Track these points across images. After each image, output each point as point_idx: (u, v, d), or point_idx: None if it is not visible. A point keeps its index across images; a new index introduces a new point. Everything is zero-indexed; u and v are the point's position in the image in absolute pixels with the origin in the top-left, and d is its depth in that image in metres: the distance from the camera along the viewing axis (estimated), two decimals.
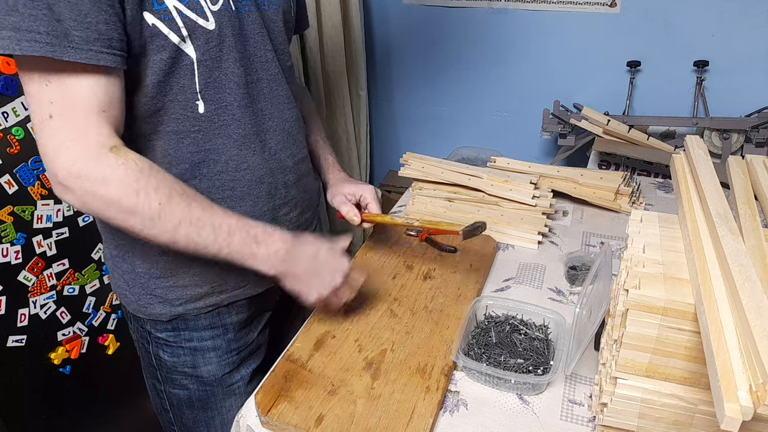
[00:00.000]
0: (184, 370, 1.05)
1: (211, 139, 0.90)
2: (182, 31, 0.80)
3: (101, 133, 0.76)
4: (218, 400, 1.08)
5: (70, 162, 0.74)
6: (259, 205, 0.98)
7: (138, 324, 1.05)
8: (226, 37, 0.85)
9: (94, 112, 0.75)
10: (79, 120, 0.75)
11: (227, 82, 0.88)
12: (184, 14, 0.79)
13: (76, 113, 0.74)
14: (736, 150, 1.98)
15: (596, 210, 1.47)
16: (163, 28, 0.78)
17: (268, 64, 0.94)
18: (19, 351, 1.36)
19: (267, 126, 0.96)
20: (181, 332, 1.00)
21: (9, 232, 1.28)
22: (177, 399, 1.09)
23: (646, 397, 0.70)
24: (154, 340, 1.04)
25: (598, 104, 2.12)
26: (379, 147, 2.88)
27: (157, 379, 1.09)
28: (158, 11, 0.77)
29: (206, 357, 1.04)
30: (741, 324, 0.51)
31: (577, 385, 0.92)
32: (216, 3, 0.83)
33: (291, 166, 1.03)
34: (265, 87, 0.95)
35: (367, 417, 0.85)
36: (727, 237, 0.63)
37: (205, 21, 0.82)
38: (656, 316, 0.65)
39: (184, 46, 0.81)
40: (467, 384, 0.94)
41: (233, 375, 1.08)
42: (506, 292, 1.16)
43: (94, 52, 0.72)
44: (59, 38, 0.70)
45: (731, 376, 0.47)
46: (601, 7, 2.17)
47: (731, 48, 2.05)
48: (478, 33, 2.42)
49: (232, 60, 0.87)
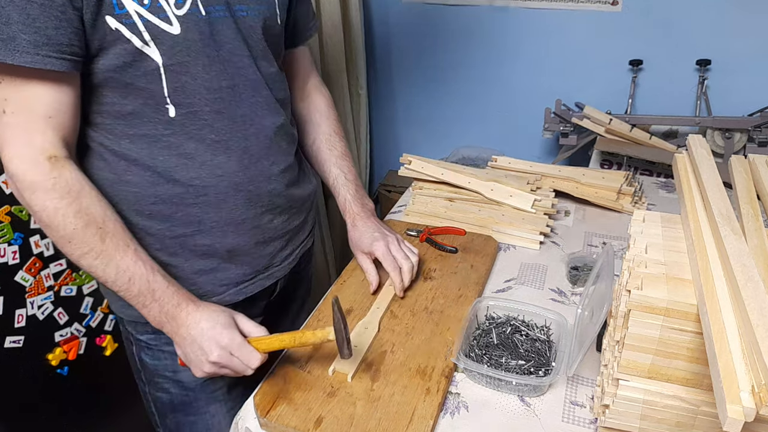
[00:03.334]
0: (165, 374, 1.04)
1: (184, 144, 0.89)
2: (144, 35, 0.79)
3: (45, 140, 0.78)
4: (201, 406, 1.07)
5: (9, 158, 0.78)
6: (237, 213, 0.97)
7: (123, 325, 1.05)
8: (193, 42, 0.84)
9: (41, 117, 0.77)
10: (26, 122, 0.77)
11: (197, 87, 0.87)
12: (145, 18, 0.79)
13: (24, 115, 0.77)
14: (739, 149, 1.97)
15: (598, 210, 1.46)
16: (125, 32, 0.78)
17: (244, 70, 0.92)
18: (17, 352, 1.35)
19: (248, 132, 0.95)
20: (162, 336, 0.97)
21: (6, 232, 1.27)
22: (160, 402, 1.08)
23: (648, 398, 0.69)
24: (136, 342, 1.04)
25: (600, 103, 2.11)
26: (379, 147, 2.87)
27: (142, 381, 1.09)
28: (119, 15, 0.77)
29: None
30: (743, 325, 0.51)
31: (578, 387, 0.92)
32: (181, 8, 0.81)
33: (276, 173, 1.01)
34: (243, 93, 0.93)
35: (366, 419, 0.84)
36: (730, 237, 0.63)
37: (169, 25, 0.81)
38: (658, 316, 0.64)
39: (148, 50, 0.80)
40: (468, 386, 0.93)
41: (215, 381, 1.06)
42: (507, 293, 1.15)
43: (41, 56, 0.73)
44: (5, 42, 0.71)
45: (734, 377, 0.47)
46: (603, 6, 2.17)
47: (734, 47, 2.04)
48: (479, 31, 2.41)
49: (201, 65, 0.86)
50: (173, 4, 0.81)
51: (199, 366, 0.88)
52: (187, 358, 0.90)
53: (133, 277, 0.84)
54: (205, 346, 0.86)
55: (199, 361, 0.87)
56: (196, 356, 0.87)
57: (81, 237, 0.81)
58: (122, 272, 0.84)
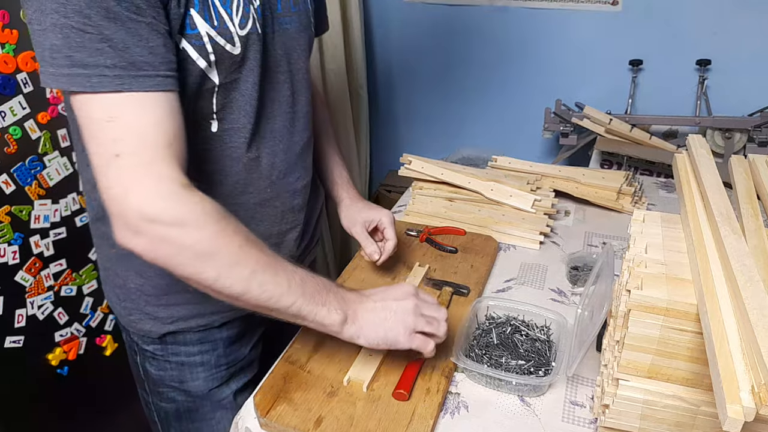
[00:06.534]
0: (171, 383, 1.02)
1: (219, 160, 0.87)
2: (210, 57, 0.76)
3: (172, 170, 0.69)
4: (206, 413, 1.05)
5: (142, 203, 0.67)
6: (261, 229, 0.94)
7: (126, 334, 1.03)
8: (248, 61, 0.82)
9: (162, 147, 0.69)
10: (148, 157, 0.68)
11: (243, 103, 0.84)
12: (214, 40, 0.76)
13: (144, 150, 0.67)
14: (739, 149, 1.97)
15: (598, 210, 1.46)
16: (192, 53, 0.74)
17: (280, 85, 0.91)
18: (17, 352, 1.35)
19: (277, 148, 0.93)
20: (169, 346, 0.96)
21: (6, 233, 1.27)
22: (164, 412, 1.06)
23: (648, 398, 0.69)
24: (141, 352, 1.01)
25: (600, 103, 2.11)
26: (379, 147, 2.87)
27: (145, 390, 1.07)
28: (189, 36, 0.73)
29: (194, 372, 1.01)
30: (743, 324, 0.51)
31: (578, 387, 0.92)
32: (244, 28, 0.79)
33: (299, 189, 1.00)
34: (277, 108, 0.91)
35: (366, 419, 0.84)
36: (730, 237, 0.63)
37: (233, 47, 0.78)
38: (658, 316, 0.64)
39: (210, 72, 0.78)
40: (468, 385, 0.93)
41: (222, 389, 1.04)
42: (507, 293, 1.15)
43: (161, 78, 0.68)
44: (126, 69, 0.65)
45: (733, 377, 0.47)
46: (603, 6, 2.17)
47: (734, 47, 2.04)
48: (479, 31, 2.41)
49: (251, 83, 0.84)
50: (237, 25, 0.78)
51: (404, 327, 0.82)
52: (382, 335, 0.82)
53: (304, 277, 0.77)
54: (397, 308, 0.82)
55: (400, 324, 0.82)
56: (394, 324, 0.82)
57: (247, 252, 0.72)
58: (291, 275, 0.76)
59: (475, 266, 1.21)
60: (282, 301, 0.75)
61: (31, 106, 1.26)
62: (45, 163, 1.32)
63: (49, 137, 1.32)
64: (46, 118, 1.30)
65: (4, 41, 1.18)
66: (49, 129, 1.32)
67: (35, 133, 1.29)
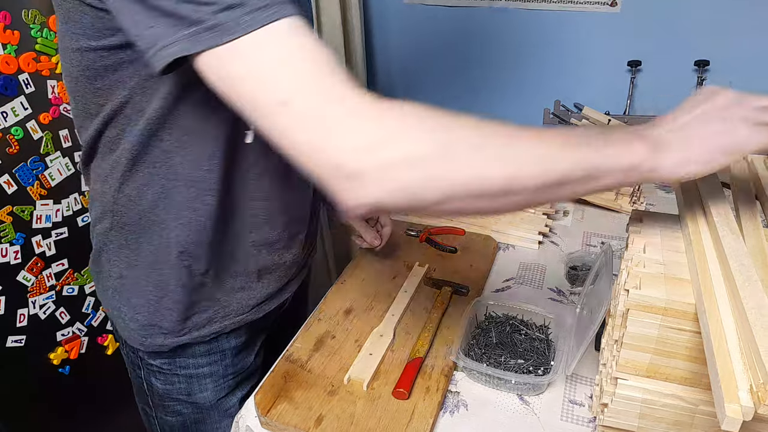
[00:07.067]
0: (177, 397, 0.99)
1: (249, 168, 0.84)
2: None
3: (353, 90, 0.56)
4: (213, 422, 1.04)
5: (349, 136, 0.54)
6: (275, 232, 0.93)
7: (129, 349, 0.97)
8: None
9: (329, 64, 0.57)
10: (324, 83, 0.56)
11: None
12: None
13: (315, 78, 0.56)
14: None
15: (597, 210, 1.46)
16: None
17: None
18: (19, 351, 1.35)
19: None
20: (177, 359, 0.94)
21: (8, 232, 1.28)
22: (169, 425, 1.03)
23: (647, 397, 0.70)
24: (146, 367, 0.97)
25: (598, 104, 2.11)
26: None
27: (148, 405, 1.03)
28: None
29: (202, 383, 0.99)
30: (741, 324, 0.51)
31: (577, 386, 0.92)
32: None
33: (311, 195, 0.99)
34: None
35: (366, 417, 0.85)
36: (728, 237, 0.63)
37: None
38: (657, 316, 0.65)
39: None
40: (467, 384, 0.93)
41: (229, 399, 1.03)
42: (507, 293, 1.16)
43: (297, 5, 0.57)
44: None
45: (732, 376, 0.47)
46: (602, 7, 2.17)
47: (732, 47, 2.04)
48: (479, 32, 2.42)
49: None
50: None
51: (742, 121, 0.65)
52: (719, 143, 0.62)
53: (561, 132, 0.62)
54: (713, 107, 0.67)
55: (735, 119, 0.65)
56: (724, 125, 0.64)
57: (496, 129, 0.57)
58: (552, 132, 0.60)
59: (474, 266, 1.21)
60: (565, 162, 0.58)
61: (33, 107, 1.26)
62: (47, 163, 1.33)
63: (51, 138, 1.32)
64: (48, 118, 1.30)
65: (6, 42, 1.18)
66: (51, 129, 1.32)
67: (37, 134, 1.29)
